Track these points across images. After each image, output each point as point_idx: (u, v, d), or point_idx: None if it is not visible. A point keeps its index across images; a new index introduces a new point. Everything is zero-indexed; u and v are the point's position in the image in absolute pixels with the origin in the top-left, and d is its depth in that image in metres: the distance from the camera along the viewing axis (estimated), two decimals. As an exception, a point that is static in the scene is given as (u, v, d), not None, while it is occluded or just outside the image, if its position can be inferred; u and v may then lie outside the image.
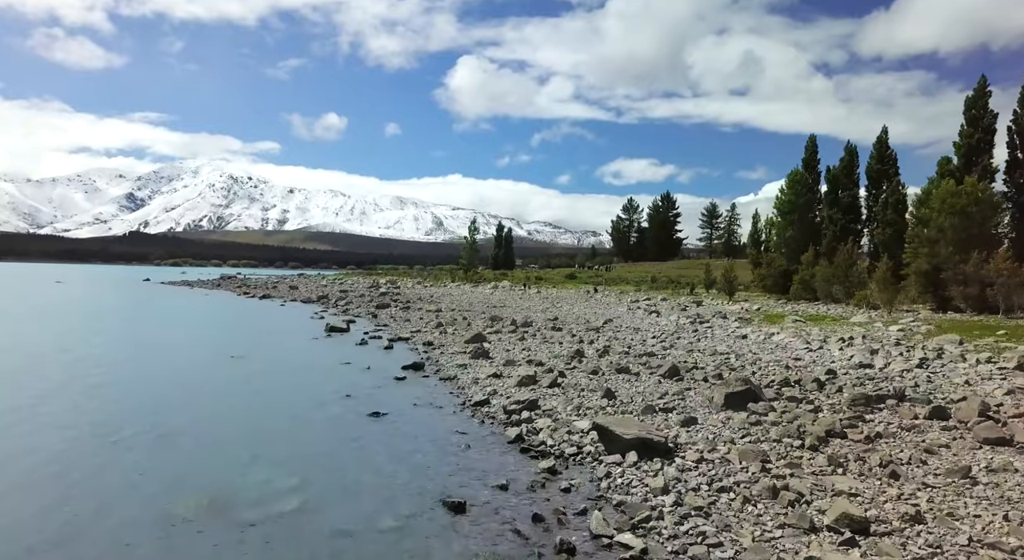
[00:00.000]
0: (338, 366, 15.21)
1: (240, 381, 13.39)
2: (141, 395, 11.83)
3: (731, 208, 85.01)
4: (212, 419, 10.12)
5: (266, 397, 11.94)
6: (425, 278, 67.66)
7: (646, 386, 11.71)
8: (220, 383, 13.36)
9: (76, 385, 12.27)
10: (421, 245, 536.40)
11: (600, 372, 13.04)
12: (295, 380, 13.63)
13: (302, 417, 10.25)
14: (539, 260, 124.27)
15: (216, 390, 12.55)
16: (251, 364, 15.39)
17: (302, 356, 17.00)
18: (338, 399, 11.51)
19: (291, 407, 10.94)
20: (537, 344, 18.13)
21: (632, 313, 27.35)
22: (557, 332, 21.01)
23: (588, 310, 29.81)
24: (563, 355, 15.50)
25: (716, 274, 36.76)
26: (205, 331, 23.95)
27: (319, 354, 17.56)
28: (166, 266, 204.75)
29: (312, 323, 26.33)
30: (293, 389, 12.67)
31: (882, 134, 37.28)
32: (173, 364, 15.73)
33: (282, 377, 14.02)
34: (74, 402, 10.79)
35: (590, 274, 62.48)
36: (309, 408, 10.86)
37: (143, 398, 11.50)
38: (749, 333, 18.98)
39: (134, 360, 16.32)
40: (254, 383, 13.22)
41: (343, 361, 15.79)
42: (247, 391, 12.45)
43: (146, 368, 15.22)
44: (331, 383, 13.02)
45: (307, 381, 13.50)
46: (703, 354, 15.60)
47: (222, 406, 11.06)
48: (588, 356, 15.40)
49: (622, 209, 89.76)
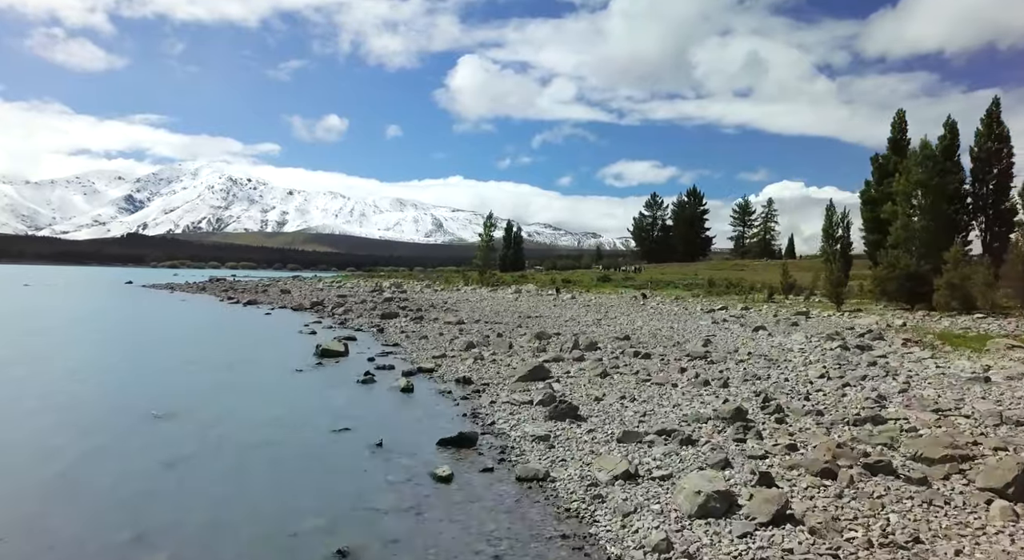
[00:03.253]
0: (327, 440, 8.87)
1: (134, 494, 6.99)
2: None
3: (768, 203, 77.37)
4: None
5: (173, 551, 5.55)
6: (434, 281, 60.60)
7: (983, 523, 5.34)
8: (87, 504, 6.96)
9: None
10: (421, 247, 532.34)
11: (835, 471, 6.62)
12: (242, 493, 7.16)
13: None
14: (544, 262, 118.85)
15: (62, 535, 6.17)
16: (177, 439, 8.99)
17: (270, 413, 10.61)
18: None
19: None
20: (633, 383, 11.80)
21: (725, 330, 20.91)
22: (644, 360, 14.64)
23: (656, 323, 23.38)
24: (712, 417, 9.11)
25: (794, 276, 30.56)
26: (145, 359, 17.46)
27: (299, 407, 11.18)
28: (162, 268, 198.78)
29: (299, 341, 20.00)
30: (232, 527, 6.28)
31: (993, 106, 30.87)
32: (35, 443, 9.30)
33: (220, 481, 7.52)
34: None
35: (619, 276, 55.89)
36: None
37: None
38: (970, 369, 12.41)
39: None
40: (158, 503, 6.81)
41: (335, 426, 9.42)
42: (126, 539, 6.04)
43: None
44: (313, 500, 6.66)
45: (266, 497, 7.05)
46: (970, 422, 9.21)
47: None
48: (756, 419, 9.02)
49: (645, 205, 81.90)
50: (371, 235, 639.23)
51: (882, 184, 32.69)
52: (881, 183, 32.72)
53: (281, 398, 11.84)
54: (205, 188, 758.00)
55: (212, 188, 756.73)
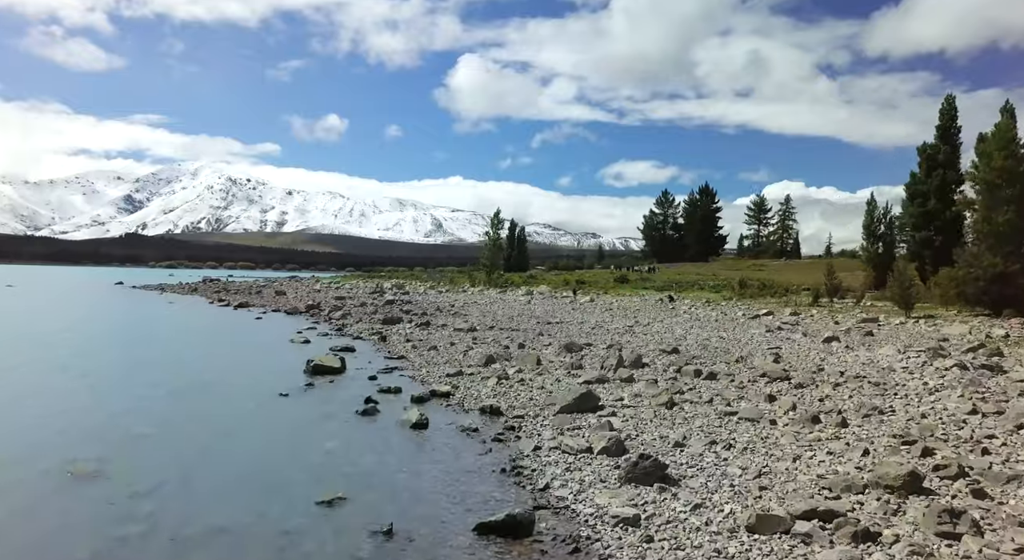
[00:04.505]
0: (309, 524, 6.06)
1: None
2: None
3: (786, 200, 73.93)
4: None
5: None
6: (438, 282, 57.44)
7: None
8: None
9: None
10: (420, 247, 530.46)
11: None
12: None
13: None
14: (546, 262, 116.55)
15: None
16: (84, 521, 6.19)
17: (234, 469, 7.81)
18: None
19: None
20: (713, 418, 9.03)
21: (787, 341, 17.98)
22: (710, 382, 11.85)
23: (701, 332, 20.45)
24: (869, 484, 6.28)
25: (840, 277, 27.76)
26: (97, 381, 14.41)
27: (274, 459, 8.36)
28: (160, 268, 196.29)
29: (290, 352, 17.25)
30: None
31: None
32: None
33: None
34: None
35: (635, 277, 52.95)
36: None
37: None
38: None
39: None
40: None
41: (322, 493, 6.57)
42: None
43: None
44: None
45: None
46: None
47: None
48: (939, 488, 6.21)
49: (655, 203, 78.59)
50: (370, 235, 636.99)
51: (931, 176, 29.88)
52: (930, 175, 29.88)
53: (253, 443, 9.03)
54: (204, 188, 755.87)
55: (211, 188, 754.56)
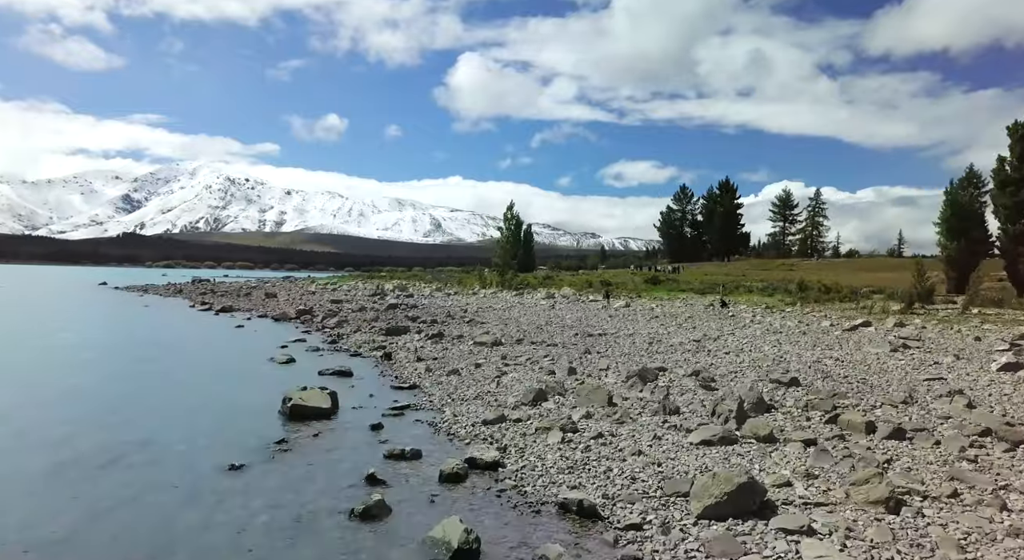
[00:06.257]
0: None
1: None
2: None
3: (815, 195, 68.90)
4: None
5: None
6: (444, 283, 52.64)
7: None
8: None
9: None
10: (419, 247, 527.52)
11: None
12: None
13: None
14: (547, 263, 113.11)
15: None
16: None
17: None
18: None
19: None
20: (949, 528, 4.73)
21: (926, 363, 13.86)
22: (905, 445, 7.60)
23: (804, 352, 16.13)
24: None
25: (930, 275, 23.64)
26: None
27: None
28: (157, 268, 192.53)
29: (266, 379, 13.01)
30: None
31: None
32: None
33: None
34: None
35: (659, 277, 48.55)
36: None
37: None
38: None
39: None
40: None
41: None
42: None
43: None
44: None
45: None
46: None
47: None
48: None
49: (673, 199, 73.55)
50: (369, 235, 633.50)
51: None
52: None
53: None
54: (203, 188, 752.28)
55: (210, 188, 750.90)
